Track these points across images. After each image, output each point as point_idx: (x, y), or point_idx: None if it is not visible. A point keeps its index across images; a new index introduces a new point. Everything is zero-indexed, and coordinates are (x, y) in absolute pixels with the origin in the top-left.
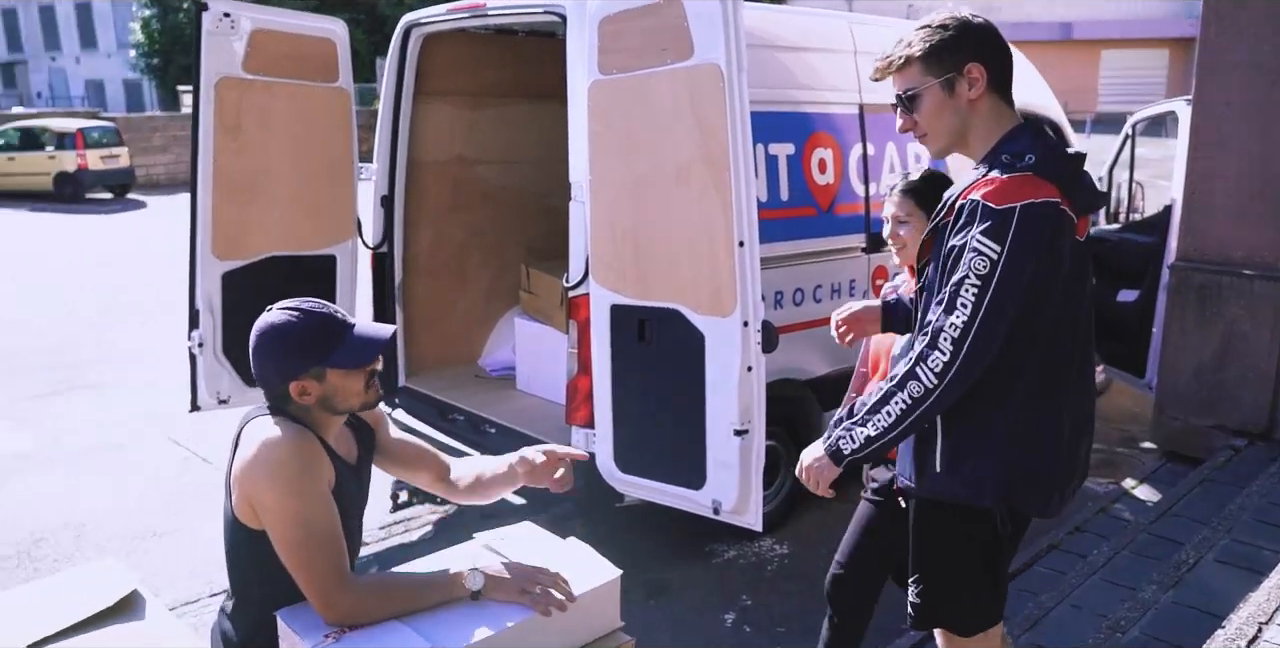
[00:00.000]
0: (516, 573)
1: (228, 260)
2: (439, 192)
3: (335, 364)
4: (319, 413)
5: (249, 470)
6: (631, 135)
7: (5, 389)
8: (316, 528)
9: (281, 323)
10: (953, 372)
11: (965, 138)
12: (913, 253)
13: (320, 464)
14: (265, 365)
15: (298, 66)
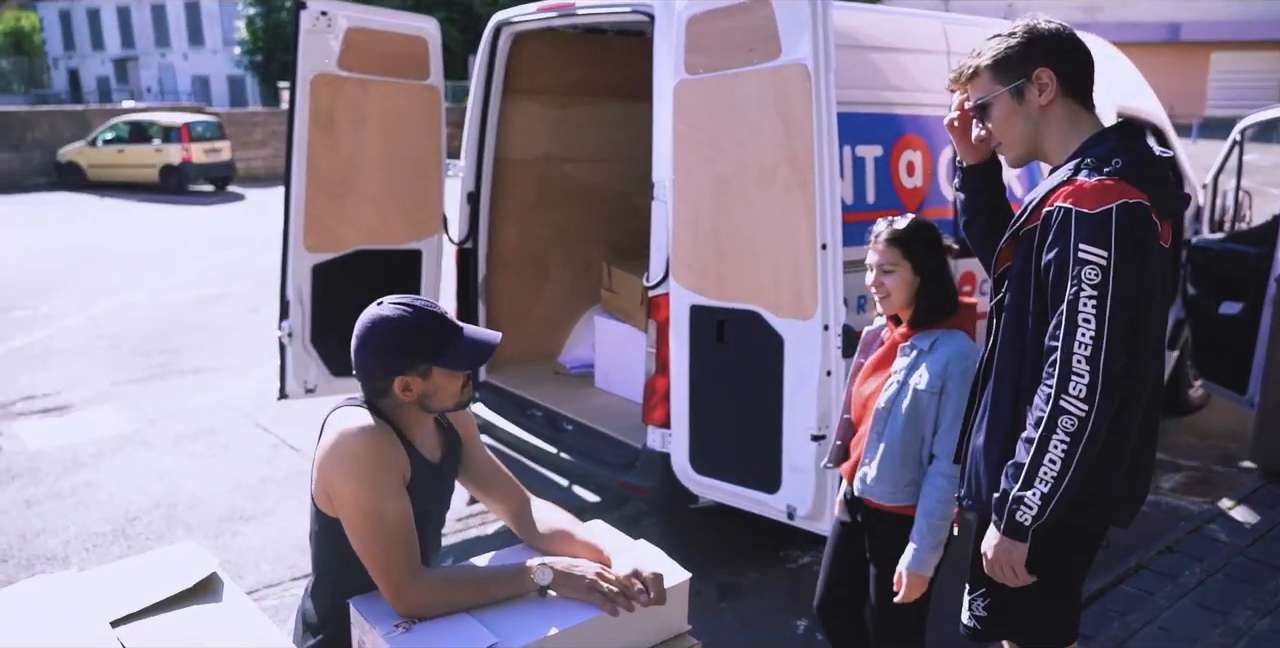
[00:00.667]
0: (586, 570)
1: (318, 253)
2: (524, 189)
3: (445, 364)
4: (411, 410)
5: (327, 460)
6: (716, 135)
7: (110, 372)
8: (389, 522)
9: (396, 318)
10: (1100, 391)
11: (1040, 145)
12: (897, 302)
13: (395, 458)
14: (373, 358)
15: (390, 64)
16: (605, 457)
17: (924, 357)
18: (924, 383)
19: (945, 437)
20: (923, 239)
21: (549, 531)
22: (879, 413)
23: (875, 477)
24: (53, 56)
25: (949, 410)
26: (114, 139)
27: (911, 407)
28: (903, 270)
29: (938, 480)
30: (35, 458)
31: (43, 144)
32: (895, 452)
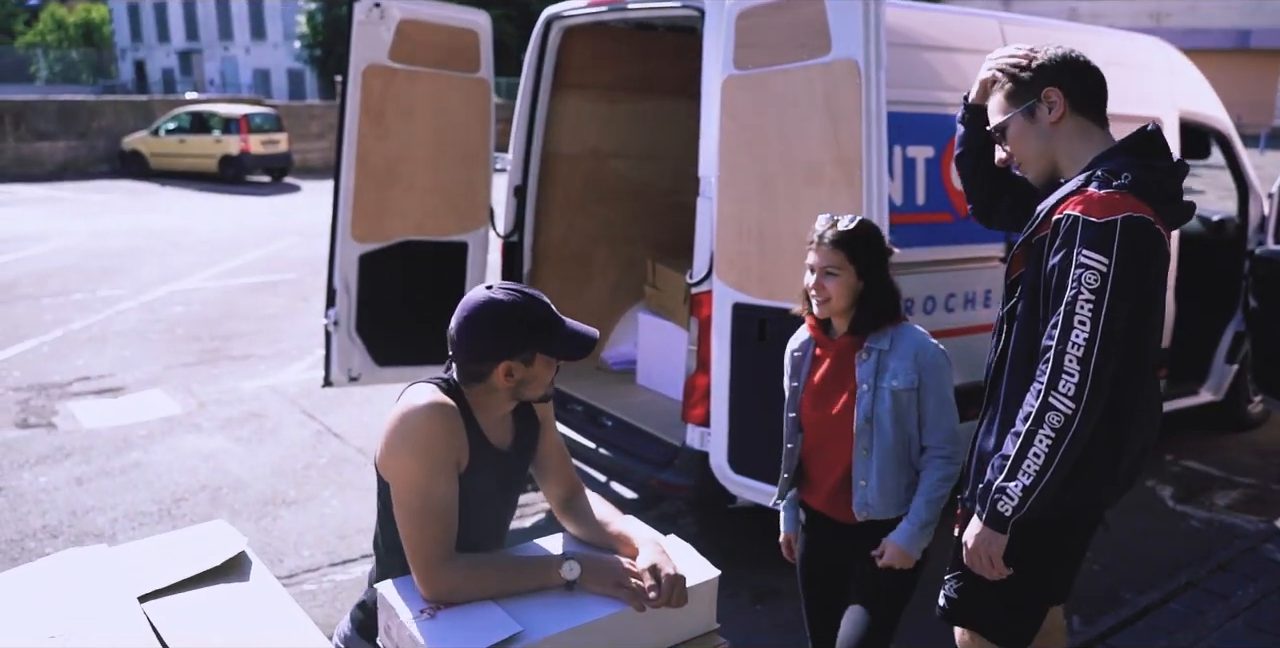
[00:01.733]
0: (614, 566)
1: (365, 243)
2: (571, 184)
3: (552, 352)
4: (498, 397)
5: (389, 430)
6: (763, 132)
7: (164, 356)
8: (432, 500)
9: (511, 303)
10: (1087, 391)
11: (1055, 161)
12: (838, 307)
13: (454, 440)
14: (483, 342)
15: (441, 56)
16: (644, 454)
17: (887, 357)
18: (899, 382)
19: (935, 427)
20: (867, 240)
21: (587, 520)
22: (861, 428)
23: (878, 493)
24: (120, 48)
25: (930, 402)
26: (176, 129)
27: (894, 410)
28: (846, 274)
29: (936, 462)
30: (88, 437)
31: (107, 132)
32: (890, 461)
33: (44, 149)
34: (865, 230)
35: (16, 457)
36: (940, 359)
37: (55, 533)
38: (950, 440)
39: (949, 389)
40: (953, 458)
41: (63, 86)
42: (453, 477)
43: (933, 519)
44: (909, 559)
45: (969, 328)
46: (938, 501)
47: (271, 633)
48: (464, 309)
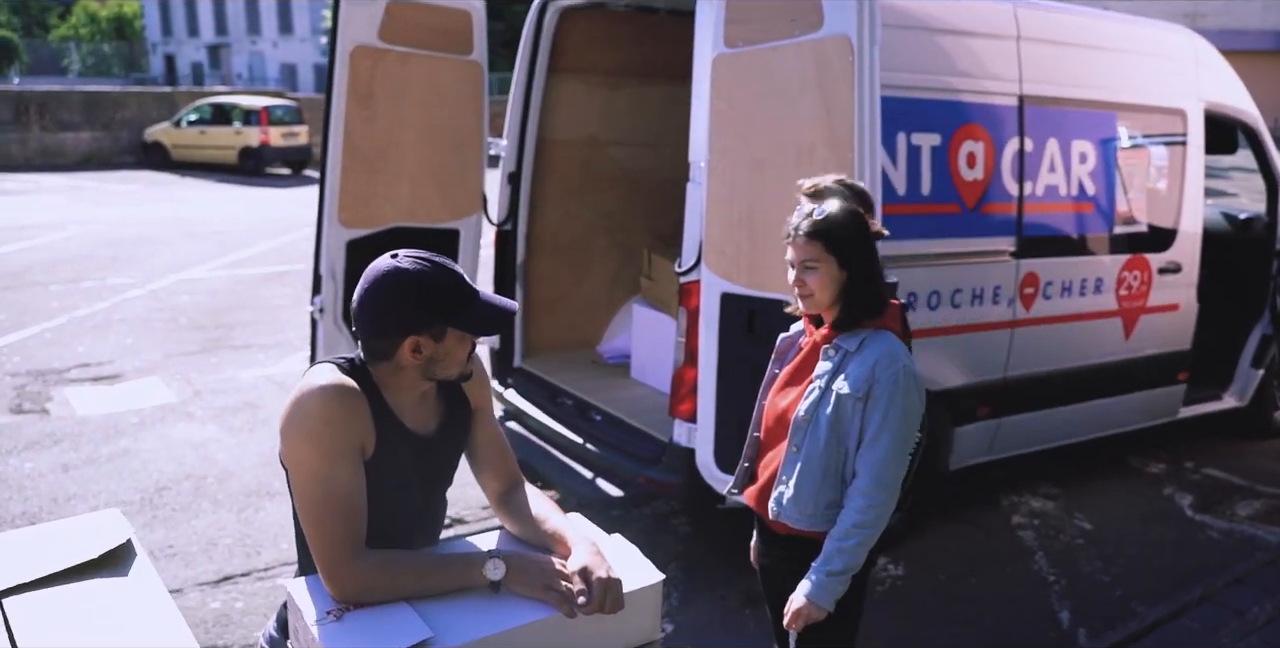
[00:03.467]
0: (543, 566)
1: (353, 229)
2: (568, 171)
3: (462, 326)
4: (408, 376)
5: (284, 415)
6: (753, 113)
7: (165, 344)
8: (332, 488)
9: (416, 271)
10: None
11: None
12: (823, 302)
13: (355, 423)
14: (385, 314)
15: (433, 38)
16: (631, 450)
17: (850, 359)
18: (848, 388)
19: (868, 450)
20: (847, 229)
21: (523, 516)
22: (798, 423)
23: (792, 496)
24: (151, 42)
25: (874, 420)
26: (197, 120)
27: (834, 415)
28: (827, 266)
29: (855, 500)
30: (80, 424)
31: (131, 124)
32: (815, 467)
33: (68, 139)
34: (843, 217)
35: (5, 442)
36: (900, 378)
37: (34, 520)
38: (875, 483)
39: (899, 419)
40: (872, 507)
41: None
42: (356, 465)
43: (845, 569)
44: (820, 612)
45: (975, 325)
46: (852, 551)
47: (137, 633)
48: (366, 279)
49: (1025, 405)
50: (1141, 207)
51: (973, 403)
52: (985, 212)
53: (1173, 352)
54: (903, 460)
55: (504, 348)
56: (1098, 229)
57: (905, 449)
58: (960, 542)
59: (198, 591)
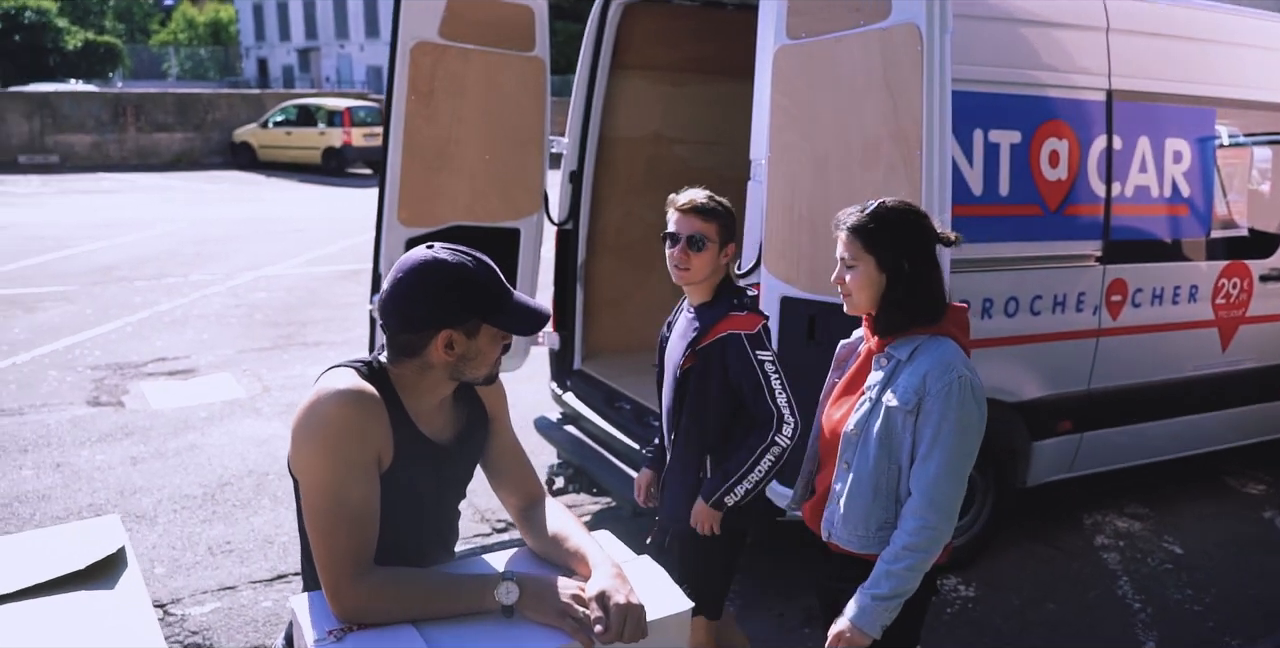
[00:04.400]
0: (560, 591)
1: (413, 227)
2: (631, 169)
3: (501, 324)
4: (432, 378)
5: (297, 421)
6: (816, 108)
7: (238, 340)
8: (343, 500)
9: (457, 264)
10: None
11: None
12: (861, 303)
13: (372, 432)
14: (419, 305)
15: (494, 34)
16: None
17: (902, 369)
18: (896, 399)
19: (920, 468)
20: (892, 228)
21: (544, 532)
22: (848, 438)
23: (843, 516)
24: (245, 46)
25: (925, 435)
26: (283, 121)
27: (884, 429)
28: (865, 266)
29: (906, 521)
30: (152, 418)
31: (221, 125)
32: (865, 485)
33: (162, 140)
34: (889, 215)
35: (81, 434)
36: (955, 390)
37: (100, 512)
38: (928, 503)
39: (952, 433)
40: (924, 529)
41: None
42: (371, 476)
43: (893, 594)
44: (863, 638)
45: (1056, 334)
46: (901, 575)
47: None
48: (400, 269)
49: (1110, 420)
50: (1242, 209)
51: (1053, 416)
52: (1069, 214)
53: (1275, 365)
54: (959, 479)
55: (564, 350)
56: (1193, 233)
57: (962, 467)
58: (1038, 563)
59: (251, 588)
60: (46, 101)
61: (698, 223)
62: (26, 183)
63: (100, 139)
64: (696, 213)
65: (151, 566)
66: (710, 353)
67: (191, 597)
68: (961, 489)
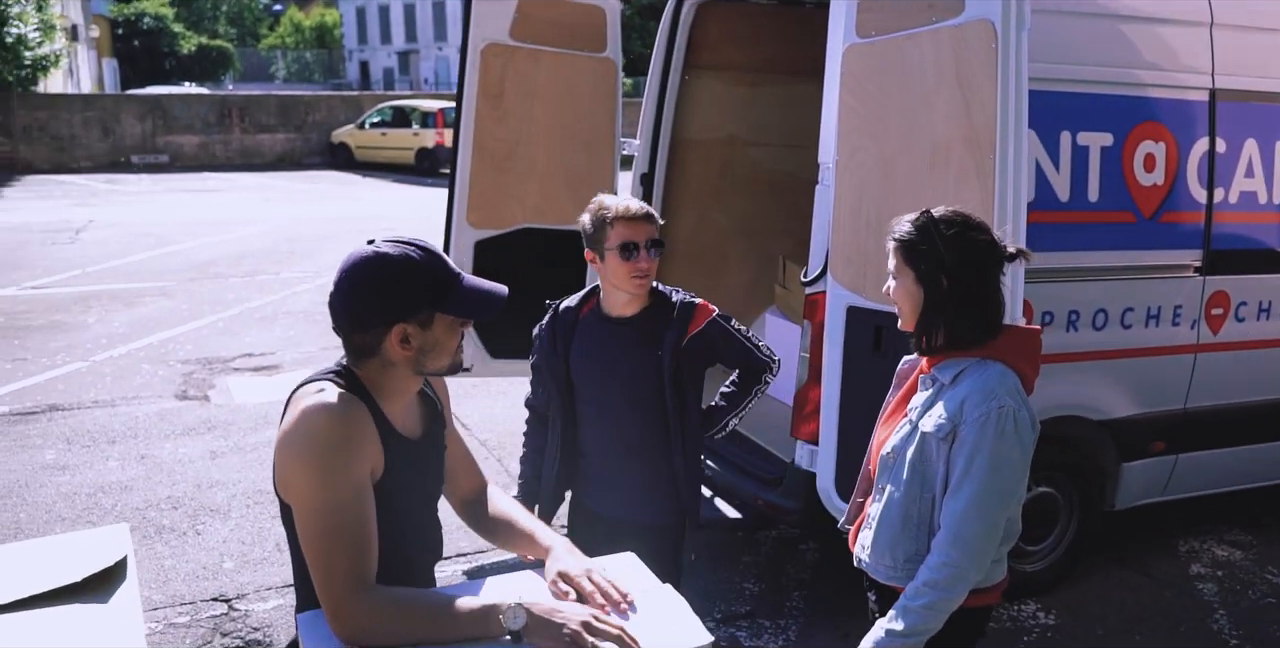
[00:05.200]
0: (570, 617)
1: (482, 229)
2: (704, 173)
3: (451, 310)
4: (397, 376)
5: (283, 440)
6: (885, 109)
7: (323, 337)
8: (341, 518)
9: (399, 256)
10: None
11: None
12: (905, 317)
13: (364, 445)
14: (368, 302)
15: (565, 35)
16: (752, 470)
17: (943, 392)
18: (931, 425)
19: (950, 501)
20: (934, 240)
21: (492, 519)
22: (884, 461)
23: (873, 544)
24: (348, 49)
25: (958, 465)
26: (379, 122)
27: (917, 455)
28: (904, 280)
29: (931, 555)
30: (234, 412)
31: (320, 126)
32: (895, 513)
33: (265, 141)
34: (933, 225)
35: (166, 427)
36: (993, 420)
37: (176, 505)
38: (953, 539)
39: (986, 467)
40: (946, 566)
41: (297, 84)
42: (366, 491)
43: (909, 631)
44: None
45: (1149, 349)
46: (919, 612)
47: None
48: (343, 268)
49: (1208, 441)
50: None
51: (1145, 436)
52: (1165, 221)
53: None
54: (990, 517)
55: None
56: None
57: (995, 504)
58: (1126, 591)
59: None
60: (158, 104)
61: (651, 228)
62: (138, 182)
63: (207, 140)
64: (648, 219)
65: (220, 560)
66: (693, 346)
67: (256, 593)
68: (993, 529)
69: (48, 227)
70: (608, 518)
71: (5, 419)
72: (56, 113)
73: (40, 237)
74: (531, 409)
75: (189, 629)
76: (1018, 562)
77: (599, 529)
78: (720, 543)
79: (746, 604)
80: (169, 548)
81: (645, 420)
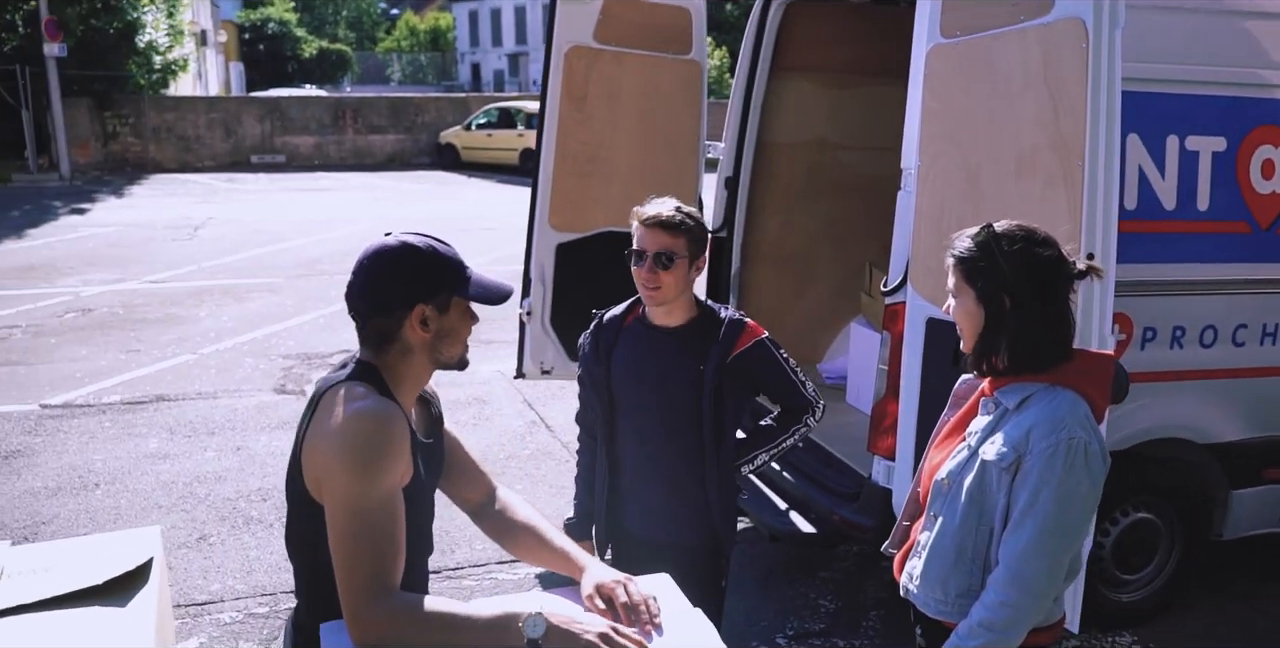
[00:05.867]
0: (589, 626)
1: (564, 232)
2: (791, 176)
3: (467, 295)
4: (414, 367)
5: (327, 439)
6: (969, 113)
7: None
8: (374, 521)
9: (419, 244)
10: None
11: None
12: (967, 338)
13: (403, 451)
14: (388, 286)
15: (650, 37)
16: (829, 484)
17: (1007, 419)
18: (993, 453)
19: (1010, 536)
20: (995, 257)
21: (516, 528)
22: (938, 487)
23: (921, 575)
24: (460, 52)
25: (1020, 499)
26: (485, 123)
27: (976, 484)
28: (964, 299)
29: (987, 593)
30: None
31: (429, 127)
32: (948, 544)
33: (375, 141)
34: (995, 241)
35: (264, 420)
36: (1062, 453)
37: (265, 497)
38: (1012, 578)
39: (1051, 502)
40: (1004, 606)
41: (410, 86)
42: (397, 494)
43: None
44: None
45: (1265, 369)
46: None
47: None
48: (365, 256)
49: None
50: None
51: (1257, 462)
52: None
53: None
54: (1054, 556)
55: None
56: None
57: (1060, 542)
58: (1230, 625)
59: None
60: (277, 106)
61: (664, 238)
62: (255, 181)
63: (321, 140)
64: (662, 227)
65: None
66: (737, 365)
67: None
68: (1057, 568)
69: (170, 223)
70: (642, 537)
71: (116, 408)
72: (183, 114)
73: (162, 233)
74: (581, 425)
75: (267, 620)
76: (1113, 590)
77: (632, 547)
78: (798, 557)
79: (821, 622)
80: (255, 539)
81: (681, 437)
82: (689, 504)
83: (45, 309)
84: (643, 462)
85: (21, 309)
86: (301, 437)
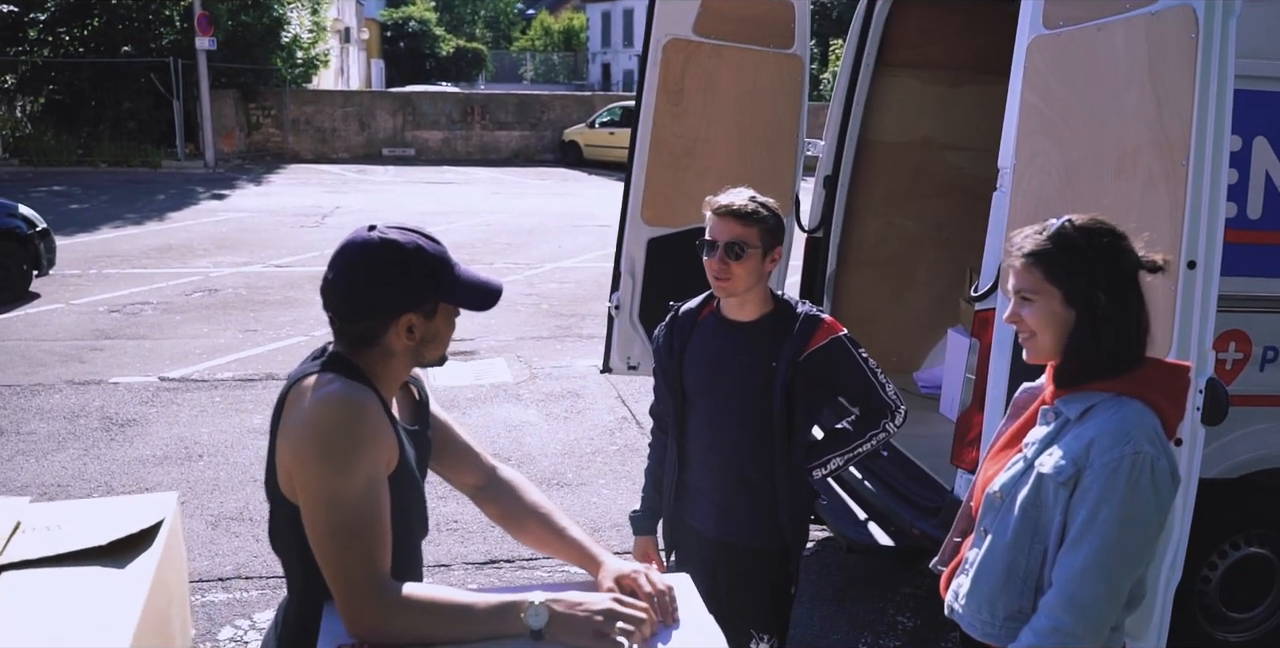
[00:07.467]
0: (594, 610)
1: (655, 226)
2: (894, 177)
3: (455, 301)
4: (394, 365)
5: (296, 433)
6: (1070, 108)
7: (522, 327)
8: (357, 513)
9: (410, 245)
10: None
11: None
12: (1045, 347)
13: (382, 437)
14: (379, 292)
15: (750, 30)
16: (911, 496)
17: (1068, 429)
18: (1050, 466)
19: (1066, 556)
20: (1083, 252)
21: (526, 514)
22: (990, 501)
23: (968, 594)
24: (592, 52)
25: (1079, 516)
26: (608, 122)
27: (1031, 498)
28: (1047, 300)
29: (1039, 617)
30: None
31: (554, 124)
32: (998, 562)
33: (501, 137)
34: (1079, 235)
35: None
36: (1126, 468)
37: None
38: (1066, 602)
39: (1112, 522)
40: (1057, 631)
41: (542, 85)
42: (380, 482)
43: None
44: None
45: None
46: None
47: (73, 635)
48: (347, 254)
49: None
50: None
51: None
52: None
53: None
54: (1113, 579)
55: None
56: None
57: (1120, 565)
58: None
59: (462, 569)
60: (409, 101)
61: (736, 228)
62: (384, 172)
63: (450, 135)
64: (734, 217)
65: None
66: (811, 362)
67: None
68: (1116, 593)
69: (300, 211)
70: (707, 535)
71: (228, 384)
72: (321, 107)
73: (292, 219)
74: (655, 418)
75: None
76: (1218, 629)
77: (697, 545)
78: (881, 571)
79: (898, 639)
80: None
81: (750, 434)
82: (757, 504)
83: (176, 287)
84: (711, 458)
85: (155, 287)
86: (274, 435)
